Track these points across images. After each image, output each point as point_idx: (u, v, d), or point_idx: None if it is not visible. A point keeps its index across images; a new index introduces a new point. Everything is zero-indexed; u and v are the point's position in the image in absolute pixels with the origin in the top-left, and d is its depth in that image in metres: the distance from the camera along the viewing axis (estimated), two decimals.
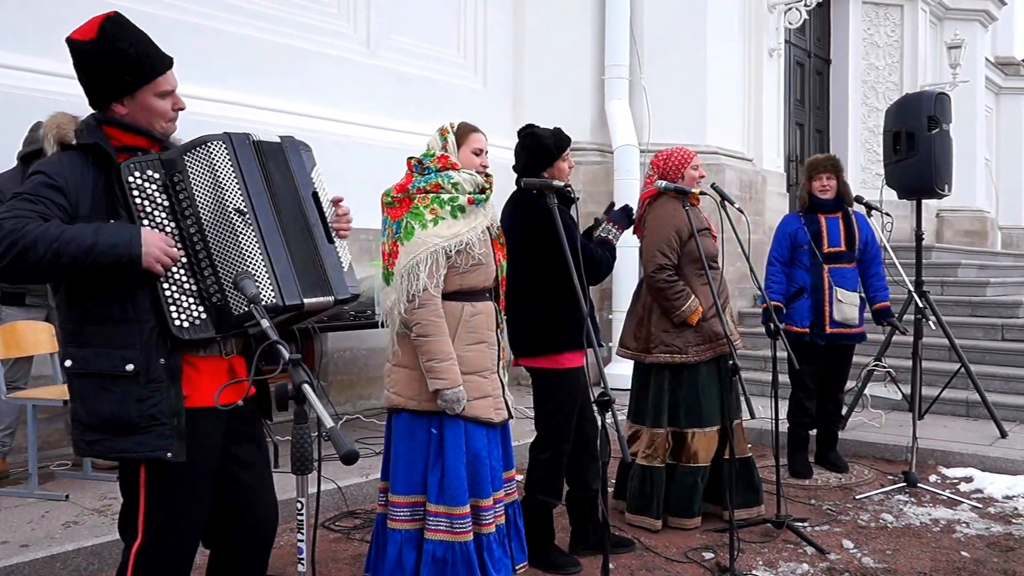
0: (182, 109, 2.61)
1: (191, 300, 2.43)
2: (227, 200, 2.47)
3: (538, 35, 9.42)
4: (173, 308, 2.40)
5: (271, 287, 2.44)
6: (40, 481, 4.94)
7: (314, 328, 6.06)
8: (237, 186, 2.49)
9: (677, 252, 4.77)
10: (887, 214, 5.75)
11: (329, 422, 1.99)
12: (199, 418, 2.51)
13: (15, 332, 4.97)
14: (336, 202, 2.80)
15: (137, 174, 2.44)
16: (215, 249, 2.45)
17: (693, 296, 4.75)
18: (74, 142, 2.46)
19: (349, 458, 1.95)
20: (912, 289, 5.54)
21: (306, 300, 2.51)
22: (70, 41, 2.53)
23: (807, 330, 5.75)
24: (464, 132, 3.73)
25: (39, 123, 4.99)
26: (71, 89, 5.41)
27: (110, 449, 2.45)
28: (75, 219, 2.36)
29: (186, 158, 2.49)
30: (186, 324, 2.41)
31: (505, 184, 4.23)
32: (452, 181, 3.57)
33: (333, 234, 2.72)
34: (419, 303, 3.46)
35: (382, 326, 3.77)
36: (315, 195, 2.71)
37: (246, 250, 2.44)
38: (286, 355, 2.15)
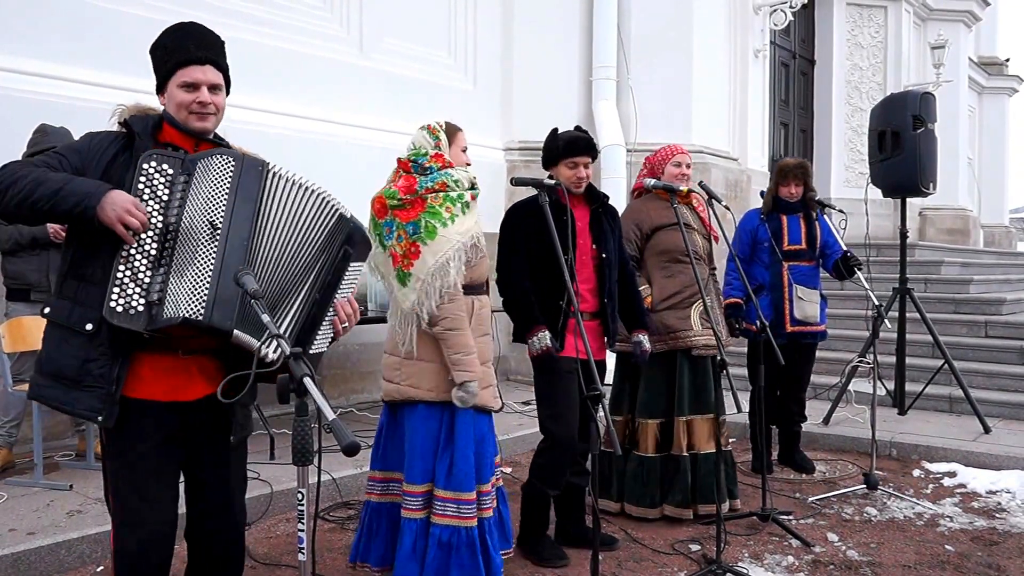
0: (206, 104, 2.63)
1: (137, 290, 2.43)
2: (209, 211, 2.47)
3: (527, 37, 9.51)
4: (116, 290, 2.42)
5: (203, 302, 2.39)
6: (45, 471, 5.02)
7: None
8: (225, 202, 2.49)
9: (636, 244, 4.90)
10: (841, 211, 5.73)
11: (331, 415, 2.02)
12: (141, 411, 2.55)
13: (21, 327, 5.07)
14: (351, 303, 2.80)
15: (153, 163, 2.49)
16: (179, 250, 2.47)
17: (645, 286, 4.86)
18: (122, 120, 2.63)
19: (351, 450, 1.99)
20: (876, 302, 5.52)
21: (237, 331, 2.42)
22: None
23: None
24: (453, 131, 3.82)
25: (43, 125, 5.13)
26: (73, 92, 5.54)
27: (55, 398, 2.53)
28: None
29: (199, 163, 2.53)
30: (119, 309, 2.41)
31: (495, 182, 4.29)
32: (454, 179, 3.65)
33: (328, 315, 2.70)
34: (449, 298, 3.55)
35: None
36: (340, 266, 2.71)
37: (200, 260, 2.44)
38: (287, 349, 2.18)
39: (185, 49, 2.63)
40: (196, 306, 2.38)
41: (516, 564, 4.21)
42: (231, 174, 2.52)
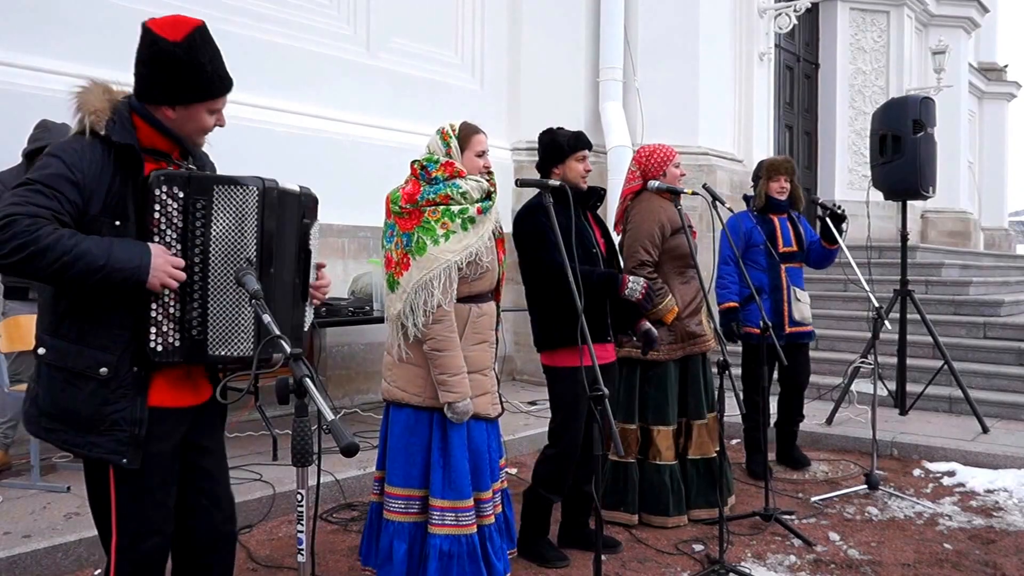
0: (222, 126, 2.61)
1: (171, 326, 2.42)
2: (243, 247, 2.46)
3: (534, 37, 9.55)
4: (153, 330, 2.40)
5: (251, 340, 2.46)
6: (42, 473, 4.97)
7: (313, 324, 6.05)
8: (255, 236, 2.48)
9: (658, 249, 4.79)
10: (843, 212, 5.75)
11: (330, 415, 2.03)
12: (158, 418, 2.51)
13: (19, 326, 5.00)
14: (319, 267, 2.82)
15: (164, 188, 2.39)
16: (212, 286, 2.44)
17: (671, 295, 4.79)
18: (102, 132, 2.41)
19: (349, 450, 2.00)
20: (876, 304, 5.54)
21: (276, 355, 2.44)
22: (150, 31, 2.45)
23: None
24: (467, 135, 3.69)
25: (44, 121, 5.09)
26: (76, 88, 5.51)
27: (66, 441, 2.45)
28: (84, 215, 2.33)
29: (217, 189, 2.44)
30: (159, 348, 2.41)
31: (503, 182, 4.27)
32: (461, 191, 3.56)
33: (308, 298, 2.77)
34: (434, 319, 3.50)
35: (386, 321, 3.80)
36: (308, 253, 2.73)
37: (242, 299, 2.45)
38: (287, 349, 2.19)
39: (225, 77, 2.55)
40: (246, 344, 2.47)
41: (520, 566, 4.23)
42: (257, 206, 2.49)
